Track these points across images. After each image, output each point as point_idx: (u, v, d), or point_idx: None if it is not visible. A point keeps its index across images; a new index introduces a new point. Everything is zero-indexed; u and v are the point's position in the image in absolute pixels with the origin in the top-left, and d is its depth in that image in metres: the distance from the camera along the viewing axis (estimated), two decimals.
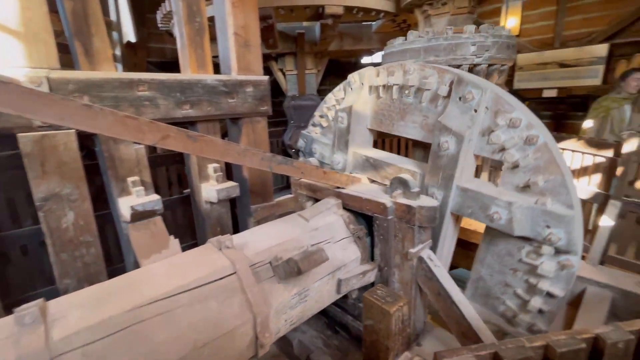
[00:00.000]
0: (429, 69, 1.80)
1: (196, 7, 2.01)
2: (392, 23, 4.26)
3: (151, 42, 5.79)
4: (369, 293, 0.96)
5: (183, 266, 1.30)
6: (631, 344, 0.67)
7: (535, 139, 1.50)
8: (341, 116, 2.08)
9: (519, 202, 1.51)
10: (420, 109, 1.89)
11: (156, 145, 1.33)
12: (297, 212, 1.83)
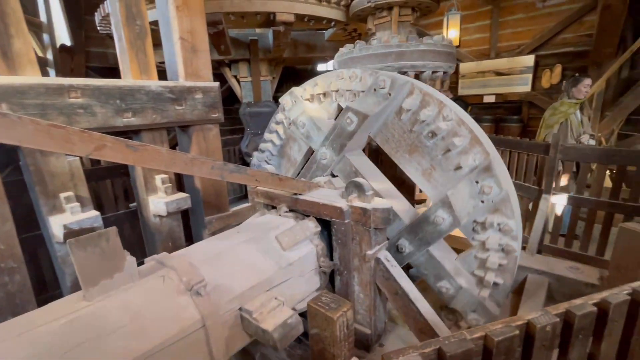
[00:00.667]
0: None
1: (136, 9, 1.89)
2: (343, 32, 4.39)
3: (91, 46, 5.36)
4: (312, 301, 0.95)
5: (143, 315, 1.08)
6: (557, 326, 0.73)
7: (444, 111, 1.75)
8: (350, 117, 2.06)
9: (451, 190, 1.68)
10: None
11: (90, 157, 1.22)
12: (274, 232, 1.75)
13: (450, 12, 4.27)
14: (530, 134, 6.61)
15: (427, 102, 1.78)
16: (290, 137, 2.45)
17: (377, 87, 1.91)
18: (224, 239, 1.70)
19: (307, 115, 2.21)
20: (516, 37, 6.44)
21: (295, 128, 2.32)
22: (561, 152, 2.91)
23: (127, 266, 1.18)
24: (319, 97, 2.24)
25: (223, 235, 1.80)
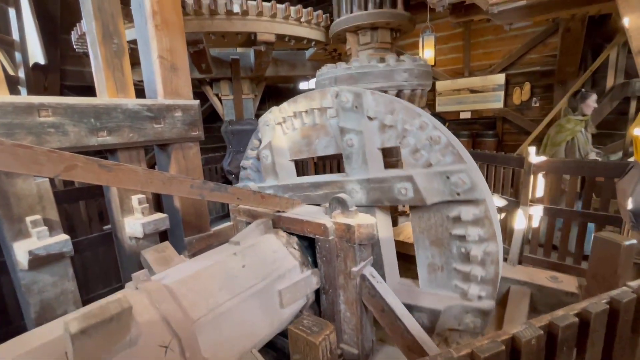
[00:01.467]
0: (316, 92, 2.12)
1: (113, 28, 1.87)
2: (323, 51, 4.50)
3: (67, 64, 5.24)
4: (294, 325, 0.91)
5: None
6: (542, 339, 0.73)
7: None
8: (265, 154, 2.30)
9: (416, 172, 1.75)
10: None
11: (60, 178, 1.16)
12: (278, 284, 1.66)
13: (425, 34, 4.47)
14: (505, 147, 6.87)
15: (386, 105, 1.88)
16: None
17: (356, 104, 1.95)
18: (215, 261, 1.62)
19: (271, 147, 2.30)
20: (487, 57, 6.80)
21: (262, 159, 2.39)
22: (534, 164, 3.03)
23: None
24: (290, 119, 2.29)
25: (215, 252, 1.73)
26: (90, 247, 2.83)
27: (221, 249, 1.74)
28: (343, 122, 2.01)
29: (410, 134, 1.81)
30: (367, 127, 1.93)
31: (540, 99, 6.37)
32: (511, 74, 6.55)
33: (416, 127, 1.78)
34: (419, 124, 1.78)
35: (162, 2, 2.08)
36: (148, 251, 1.66)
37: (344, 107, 1.99)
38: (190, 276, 1.37)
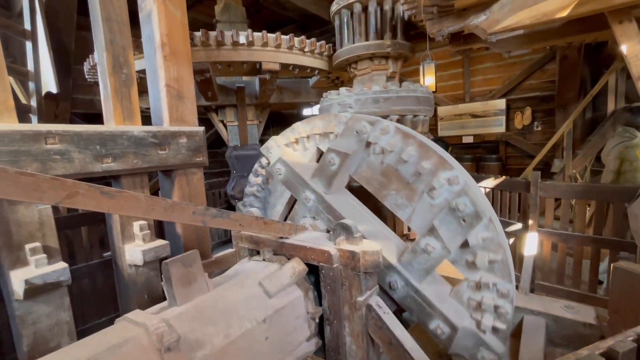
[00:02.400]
0: None
1: (123, 59, 1.94)
2: (327, 79, 4.63)
3: (78, 93, 5.43)
4: None
5: None
6: None
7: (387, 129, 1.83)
8: (332, 159, 2.04)
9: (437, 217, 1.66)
10: None
11: (61, 205, 1.15)
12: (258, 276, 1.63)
13: (426, 62, 4.60)
14: (509, 171, 6.85)
15: (386, 131, 1.84)
16: (270, 187, 2.46)
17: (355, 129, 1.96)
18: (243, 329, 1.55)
19: (284, 162, 2.23)
20: (487, 83, 6.95)
21: (276, 175, 2.32)
22: (541, 189, 2.99)
23: None
24: (295, 143, 2.29)
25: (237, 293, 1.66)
26: (88, 275, 2.78)
27: (243, 284, 1.63)
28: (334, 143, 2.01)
29: None
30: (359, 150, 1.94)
31: (542, 123, 6.43)
32: (512, 99, 6.66)
33: None
34: None
35: (172, 34, 2.16)
36: (174, 263, 1.39)
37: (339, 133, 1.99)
38: None
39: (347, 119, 2.02)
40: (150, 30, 2.17)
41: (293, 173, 2.16)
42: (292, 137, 2.29)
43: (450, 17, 2.44)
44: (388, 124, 1.85)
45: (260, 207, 2.59)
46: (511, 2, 2.18)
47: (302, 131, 2.25)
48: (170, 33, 2.15)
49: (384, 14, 3.19)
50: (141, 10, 2.24)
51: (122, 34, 1.95)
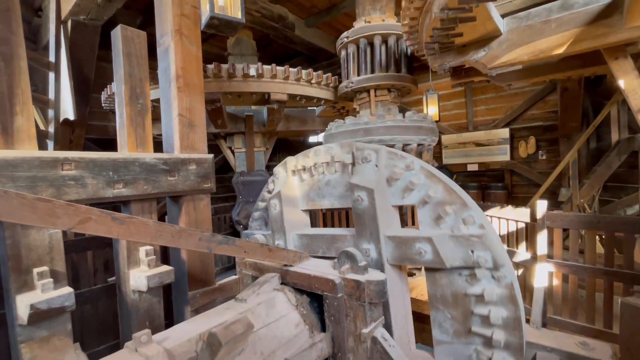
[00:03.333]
0: None
1: (140, 90, 2.05)
2: (332, 109, 4.78)
3: (93, 119, 5.65)
4: None
5: None
6: None
7: None
8: (273, 202, 2.21)
9: (437, 234, 1.61)
10: None
11: (73, 230, 1.18)
12: None
13: (429, 93, 4.74)
14: (516, 200, 6.80)
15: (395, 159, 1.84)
16: None
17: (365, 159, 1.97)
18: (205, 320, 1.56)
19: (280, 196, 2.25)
20: (490, 112, 7.08)
21: (271, 209, 2.33)
22: (549, 218, 2.96)
23: None
24: (302, 171, 2.31)
25: (205, 315, 1.65)
26: (91, 300, 2.75)
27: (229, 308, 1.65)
28: (355, 178, 1.97)
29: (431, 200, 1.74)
30: (380, 184, 1.88)
31: (547, 152, 6.45)
32: (515, 128, 6.74)
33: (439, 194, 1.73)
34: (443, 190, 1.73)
35: (186, 68, 2.29)
36: None
37: (358, 162, 1.99)
38: None
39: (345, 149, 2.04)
40: (166, 64, 2.31)
41: (280, 217, 2.22)
42: (299, 165, 2.30)
43: (451, 52, 2.56)
44: None
45: (265, 232, 2.60)
46: (509, 40, 2.29)
47: (305, 162, 2.26)
48: (185, 66, 2.28)
49: (388, 49, 3.35)
50: (159, 46, 2.39)
51: (141, 67, 2.07)
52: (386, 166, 1.87)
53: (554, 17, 2.09)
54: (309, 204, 2.32)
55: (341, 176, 2.12)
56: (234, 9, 1.82)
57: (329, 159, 2.16)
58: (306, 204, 2.33)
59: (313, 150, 2.24)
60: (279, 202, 2.25)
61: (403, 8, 2.25)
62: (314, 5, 5.56)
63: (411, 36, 2.62)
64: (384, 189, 1.85)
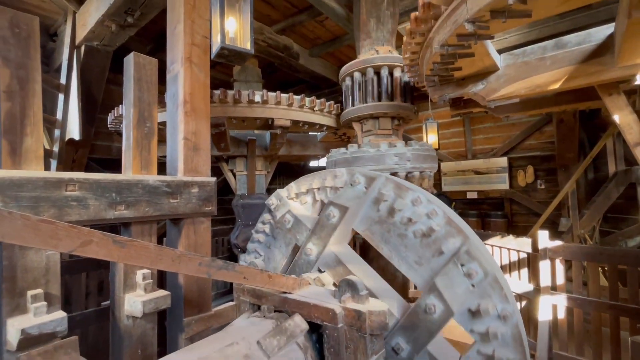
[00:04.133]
0: None
1: (147, 114, 2.10)
2: (334, 135, 4.87)
3: (97, 139, 5.73)
4: None
5: None
6: None
7: None
8: (332, 211, 2.05)
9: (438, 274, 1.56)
10: None
11: (73, 253, 1.17)
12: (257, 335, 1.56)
13: (428, 122, 4.85)
14: (516, 229, 6.76)
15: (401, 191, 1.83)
16: (277, 234, 2.46)
17: (354, 183, 2.00)
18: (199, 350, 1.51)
19: (291, 213, 2.25)
20: (488, 141, 7.20)
21: (281, 225, 2.33)
22: (550, 249, 2.93)
23: None
24: (302, 196, 2.34)
25: (199, 345, 1.60)
26: (82, 324, 2.67)
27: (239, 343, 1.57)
28: None
29: None
30: None
31: (545, 182, 6.49)
32: (513, 157, 6.83)
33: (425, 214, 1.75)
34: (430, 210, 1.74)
35: (194, 93, 2.36)
36: None
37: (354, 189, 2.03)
38: None
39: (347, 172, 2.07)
40: (175, 89, 2.38)
41: (298, 224, 2.17)
42: (294, 191, 2.33)
43: (450, 85, 2.65)
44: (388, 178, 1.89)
45: (264, 255, 2.57)
46: (506, 74, 2.38)
47: (302, 187, 2.31)
48: (193, 92, 2.36)
49: (390, 79, 3.47)
50: (169, 72, 2.47)
51: (150, 92, 2.14)
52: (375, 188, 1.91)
53: (548, 54, 2.19)
54: None
55: None
56: (243, 40, 1.90)
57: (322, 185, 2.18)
58: None
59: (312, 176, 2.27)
60: (291, 216, 2.24)
61: (404, 43, 2.36)
62: (317, 36, 5.82)
63: (412, 68, 2.72)
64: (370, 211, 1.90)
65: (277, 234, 2.46)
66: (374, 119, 3.51)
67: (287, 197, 2.41)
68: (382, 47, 3.55)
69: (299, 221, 2.22)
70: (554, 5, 1.62)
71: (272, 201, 2.48)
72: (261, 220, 2.55)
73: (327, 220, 1.97)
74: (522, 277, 3.27)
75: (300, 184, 2.38)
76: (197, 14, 2.44)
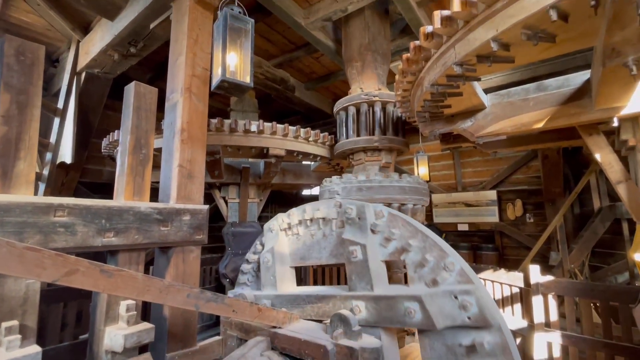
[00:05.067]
0: None
1: (144, 141, 2.11)
2: (327, 165, 4.93)
3: (89, 163, 5.67)
4: None
5: None
6: None
7: None
8: (266, 257, 2.18)
9: (426, 291, 1.58)
10: None
11: (58, 283, 1.12)
12: None
13: (419, 154, 4.98)
14: (507, 262, 6.75)
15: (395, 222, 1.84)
16: None
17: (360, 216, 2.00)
18: None
19: (273, 252, 2.23)
20: (477, 175, 7.37)
21: (263, 264, 2.29)
22: (542, 285, 2.93)
23: None
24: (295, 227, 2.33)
25: None
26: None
27: None
28: (347, 233, 2.02)
29: (412, 249, 1.80)
30: (371, 240, 1.94)
31: (534, 215, 6.59)
32: (502, 190, 6.97)
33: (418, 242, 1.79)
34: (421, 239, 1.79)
35: (192, 122, 2.40)
36: None
37: (347, 219, 2.04)
38: None
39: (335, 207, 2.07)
40: (173, 117, 2.42)
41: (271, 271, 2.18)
42: (289, 221, 2.32)
43: (440, 121, 2.76)
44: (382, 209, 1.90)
45: (254, 287, 2.50)
46: (493, 113, 2.51)
47: (294, 218, 2.29)
48: (190, 121, 2.40)
49: (382, 114, 3.61)
50: (168, 100, 2.53)
51: (148, 120, 2.17)
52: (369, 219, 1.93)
53: (531, 96, 2.32)
54: (298, 262, 2.29)
55: (331, 233, 2.13)
56: (243, 74, 1.98)
57: (314, 216, 2.19)
58: (296, 261, 2.30)
59: (303, 208, 2.29)
60: (271, 257, 2.23)
61: (397, 81, 2.48)
62: (313, 71, 6.07)
63: (404, 105, 2.84)
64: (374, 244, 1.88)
65: None
66: (366, 152, 3.60)
67: (279, 228, 2.39)
68: (373, 85, 3.73)
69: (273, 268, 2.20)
70: (535, 53, 1.75)
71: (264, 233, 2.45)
72: (257, 243, 2.51)
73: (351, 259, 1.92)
74: (516, 312, 3.23)
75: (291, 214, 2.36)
76: (200, 47, 2.55)
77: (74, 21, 3.89)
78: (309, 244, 2.28)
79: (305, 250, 2.28)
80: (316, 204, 2.29)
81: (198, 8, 2.56)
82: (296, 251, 2.32)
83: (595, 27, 1.46)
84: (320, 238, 2.22)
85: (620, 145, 2.23)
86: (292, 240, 2.35)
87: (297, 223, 2.33)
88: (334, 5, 3.63)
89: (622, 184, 2.19)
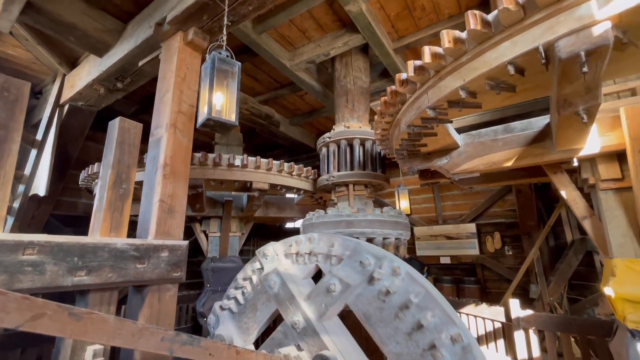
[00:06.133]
0: None
1: (125, 175, 2.10)
2: (310, 198, 4.97)
3: (64, 195, 5.47)
4: None
5: None
6: None
7: None
8: (334, 284, 1.94)
9: None
10: None
11: (21, 329, 1.06)
12: None
13: (400, 188, 5.12)
14: (489, 295, 6.77)
15: (398, 273, 1.77)
16: (258, 294, 2.31)
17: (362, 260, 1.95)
18: None
19: (280, 274, 2.16)
20: (457, 208, 7.57)
21: (267, 285, 2.19)
22: (523, 319, 2.95)
23: None
24: (296, 255, 2.27)
25: None
26: None
27: None
28: None
29: None
30: None
31: (512, 248, 6.75)
32: (481, 223, 7.16)
33: None
34: None
35: (175, 157, 2.42)
36: None
37: None
38: None
39: (353, 245, 2.00)
40: (156, 153, 2.43)
41: (287, 291, 2.05)
42: (294, 249, 2.27)
43: (418, 158, 2.90)
44: (399, 264, 1.80)
45: (236, 316, 2.36)
46: (466, 151, 2.66)
47: (304, 247, 2.24)
48: (174, 155, 2.41)
49: (364, 150, 3.75)
50: (152, 135, 2.55)
51: (131, 154, 2.17)
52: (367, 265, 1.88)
53: (500, 137, 2.50)
54: None
55: None
56: (229, 112, 2.05)
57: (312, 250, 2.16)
58: None
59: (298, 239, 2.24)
60: (278, 278, 2.14)
61: (376, 121, 2.62)
62: (297, 108, 6.31)
63: (383, 142, 2.98)
64: None
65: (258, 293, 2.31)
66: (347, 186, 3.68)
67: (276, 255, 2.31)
68: (354, 123, 3.91)
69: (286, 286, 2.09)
70: (499, 100, 1.93)
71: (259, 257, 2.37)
72: (241, 277, 2.43)
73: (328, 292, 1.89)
74: (500, 348, 3.20)
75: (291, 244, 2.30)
76: (187, 85, 2.63)
77: (61, 56, 3.95)
78: None
79: None
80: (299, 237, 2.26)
81: (187, 49, 2.68)
82: None
83: (548, 80, 1.64)
84: None
85: (582, 183, 2.40)
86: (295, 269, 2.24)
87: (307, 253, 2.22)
88: (317, 49, 3.88)
89: (587, 220, 2.33)
